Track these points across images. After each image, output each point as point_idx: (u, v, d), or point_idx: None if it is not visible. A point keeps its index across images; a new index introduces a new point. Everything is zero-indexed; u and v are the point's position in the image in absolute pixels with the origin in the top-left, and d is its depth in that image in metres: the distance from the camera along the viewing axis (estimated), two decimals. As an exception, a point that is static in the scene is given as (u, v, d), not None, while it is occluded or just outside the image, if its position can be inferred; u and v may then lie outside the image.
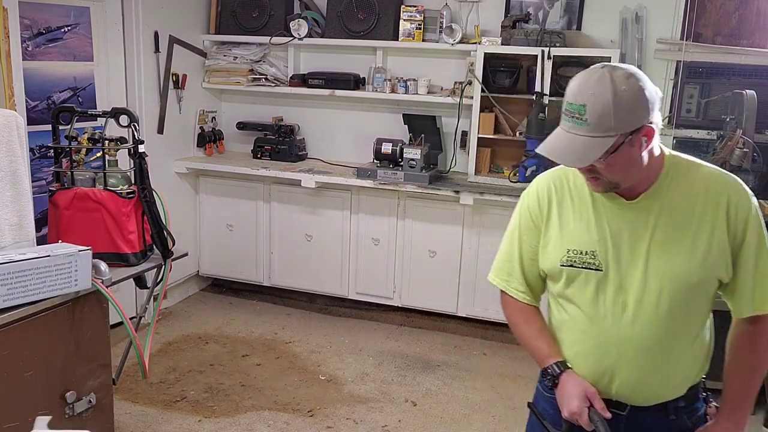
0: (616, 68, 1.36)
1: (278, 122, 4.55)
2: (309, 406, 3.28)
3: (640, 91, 1.35)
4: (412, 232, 4.10)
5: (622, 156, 1.37)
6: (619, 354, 1.48)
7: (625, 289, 1.46)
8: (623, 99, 1.33)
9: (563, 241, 1.53)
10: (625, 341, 1.47)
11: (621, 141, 1.36)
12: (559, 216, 1.55)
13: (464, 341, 4.10)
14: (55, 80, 3.61)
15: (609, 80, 1.34)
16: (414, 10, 4.08)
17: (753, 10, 3.71)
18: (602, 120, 1.34)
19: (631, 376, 1.48)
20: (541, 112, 3.66)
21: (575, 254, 1.50)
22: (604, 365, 1.50)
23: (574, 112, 1.37)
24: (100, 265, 2.27)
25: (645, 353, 1.47)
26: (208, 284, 4.82)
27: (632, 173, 1.42)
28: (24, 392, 2.07)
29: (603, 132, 1.35)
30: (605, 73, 1.35)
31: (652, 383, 1.49)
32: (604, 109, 1.33)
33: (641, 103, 1.35)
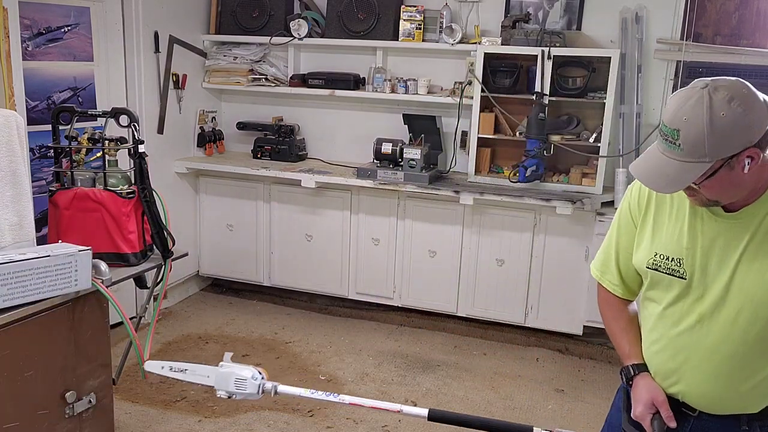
0: (718, 89, 1.28)
1: (278, 122, 4.56)
2: (309, 406, 3.28)
3: (742, 116, 1.27)
4: (412, 232, 4.10)
5: (720, 179, 1.32)
6: (686, 361, 1.49)
7: (705, 300, 1.45)
8: (720, 126, 1.26)
9: (653, 244, 1.52)
10: (693, 350, 1.47)
11: (719, 165, 1.30)
12: (654, 217, 1.53)
13: (464, 341, 4.10)
14: (55, 80, 3.61)
15: (706, 105, 1.27)
16: (414, 10, 4.08)
17: (753, 10, 3.71)
18: (696, 147, 1.28)
19: (696, 384, 1.49)
20: (541, 112, 3.66)
21: (661, 259, 1.50)
22: (670, 367, 1.51)
23: (668, 135, 1.31)
24: (100, 265, 2.27)
25: (713, 365, 1.45)
26: (208, 284, 4.82)
27: (733, 193, 1.37)
28: (24, 392, 2.07)
29: (697, 158, 1.29)
30: (704, 96, 1.28)
31: (720, 395, 1.47)
32: (698, 136, 1.27)
33: (743, 128, 1.28)
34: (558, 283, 3.87)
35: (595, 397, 3.43)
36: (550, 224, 3.83)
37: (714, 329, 1.43)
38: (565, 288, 3.86)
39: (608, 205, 3.76)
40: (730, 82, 1.31)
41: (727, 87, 1.29)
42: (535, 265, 3.90)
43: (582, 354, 3.95)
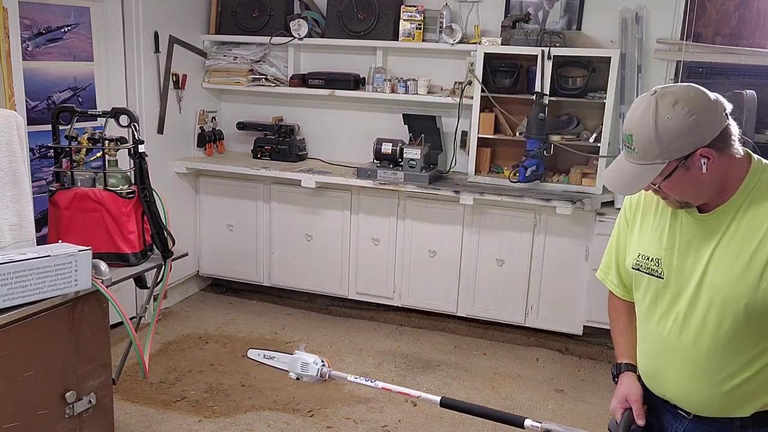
0: (665, 95, 1.36)
1: (278, 122, 4.56)
2: (309, 406, 3.28)
3: (687, 117, 1.34)
4: (412, 232, 4.10)
5: (678, 180, 1.39)
6: (667, 361, 1.52)
7: (680, 299, 1.48)
8: (667, 128, 1.34)
9: (638, 244, 1.58)
10: (673, 350, 1.50)
11: (674, 166, 1.37)
12: (641, 220, 1.59)
13: (464, 341, 4.10)
14: (55, 80, 3.61)
15: (652, 110, 1.35)
16: (414, 10, 4.08)
17: (753, 10, 3.71)
18: (647, 149, 1.36)
19: (679, 383, 1.52)
20: (541, 112, 3.66)
21: (643, 259, 1.55)
22: (655, 368, 1.57)
23: (626, 141, 1.40)
24: (100, 265, 2.27)
25: (692, 365, 1.48)
26: (208, 284, 4.82)
27: (698, 193, 1.42)
28: (24, 392, 2.07)
29: (651, 160, 1.37)
30: (651, 102, 1.36)
31: (703, 395, 1.48)
32: (647, 139, 1.35)
33: (689, 130, 1.34)
34: (558, 283, 3.87)
35: (595, 397, 3.43)
36: (550, 224, 3.83)
37: (689, 329, 1.47)
38: (565, 288, 3.86)
39: (608, 205, 3.76)
40: (678, 87, 1.39)
41: (673, 92, 1.37)
42: (535, 265, 3.90)
43: (582, 354, 3.95)
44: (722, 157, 1.38)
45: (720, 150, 1.37)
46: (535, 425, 1.55)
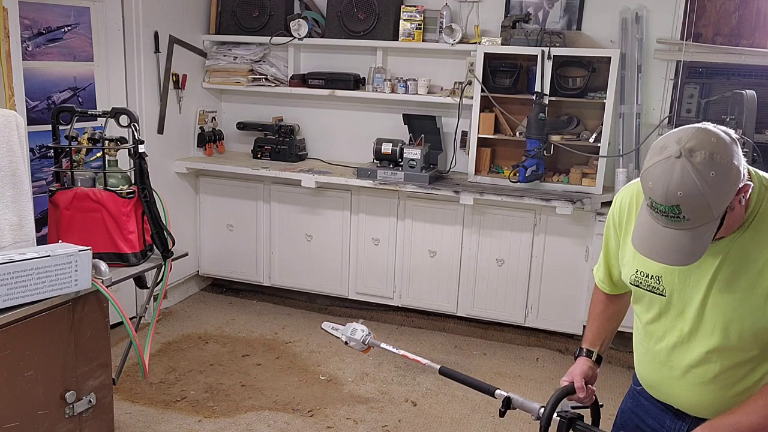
0: (694, 153, 1.25)
1: (278, 122, 4.56)
2: (309, 406, 3.28)
3: (728, 167, 1.26)
4: (412, 232, 4.10)
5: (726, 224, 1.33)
6: (667, 373, 1.53)
7: (683, 317, 1.47)
8: (716, 186, 1.25)
9: (635, 260, 1.54)
10: (675, 364, 1.51)
11: (723, 216, 1.31)
12: None
13: (464, 341, 4.10)
14: (55, 80, 3.61)
15: (694, 173, 1.24)
16: (414, 10, 4.08)
17: (753, 10, 3.71)
18: (703, 212, 1.27)
19: (685, 396, 1.53)
20: (541, 112, 3.66)
21: (642, 276, 1.52)
22: (659, 380, 1.58)
23: (668, 212, 1.28)
24: (100, 265, 2.27)
25: (695, 379, 1.48)
26: (208, 284, 4.82)
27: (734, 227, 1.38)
28: (24, 392, 2.07)
29: (707, 221, 1.28)
30: (686, 166, 1.25)
31: (709, 403, 1.49)
32: (701, 203, 1.25)
33: (734, 177, 1.28)
34: (558, 283, 3.87)
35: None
36: (550, 224, 3.83)
37: (694, 348, 1.46)
38: (565, 288, 3.86)
39: (608, 205, 3.73)
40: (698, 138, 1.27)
41: (699, 145, 1.26)
42: (535, 265, 3.90)
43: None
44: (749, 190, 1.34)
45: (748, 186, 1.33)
46: (501, 393, 1.74)
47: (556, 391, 1.63)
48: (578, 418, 1.59)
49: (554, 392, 1.63)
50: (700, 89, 3.78)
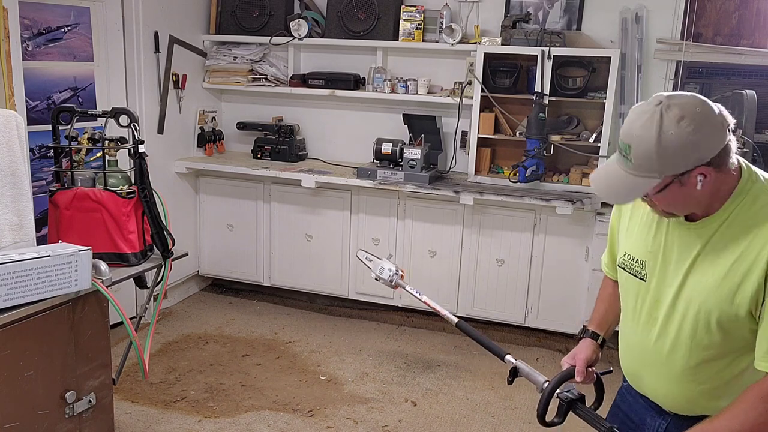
0: (671, 107, 1.29)
1: (278, 122, 4.56)
2: (309, 406, 3.28)
3: (691, 135, 1.28)
4: (412, 232, 4.10)
5: (671, 194, 1.35)
6: (646, 363, 1.55)
7: (660, 305, 1.48)
8: (668, 145, 1.28)
9: (625, 243, 1.59)
10: (652, 354, 1.52)
11: (669, 181, 1.33)
12: (632, 216, 1.59)
13: (464, 341, 4.09)
14: (55, 80, 3.61)
15: (657, 123, 1.28)
16: (414, 10, 4.08)
17: (753, 10, 3.71)
18: (645, 162, 1.31)
19: (659, 386, 1.54)
20: (541, 112, 3.66)
21: (628, 259, 1.56)
22: (635, 368, 1.60)
23: (623, 149, 1.34)
24: (100, 265, 2.27)
25: (669, 370, 1.49)
26: (208, 284, 4.82)
27: (687, 207, 1.40)
28: (24, 392, 2.07)
29: (647, 172, 1.32)
30: (656, 113, 1.29)
31: (683, 397, 1.50)
32: (648, 153, 1.30)
33: (692, 147, 1.29)
34: (558, 283, 3.87)
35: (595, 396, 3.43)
36: (550, 224, 3.83)
37: (667, 336, 1.47)
38: (565, 288, 3.86)
39: (608, 205, 3.76)
40: (685, 99, 1.31)
41: (680, 105, 1.29)
42: (535, 265, 3.90)
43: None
44: (719, 173, 1.35)
45: (717, 167, 1.33)
46: (511, 360, 1.77)
47: (559, 373, 1.65)
48: (578, 400, 1.60)
49: (559, 373, 1.64)
50: (700, 89, 3.78)
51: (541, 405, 1.60)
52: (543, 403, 1.59)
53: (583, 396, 1.62)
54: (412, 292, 2.15)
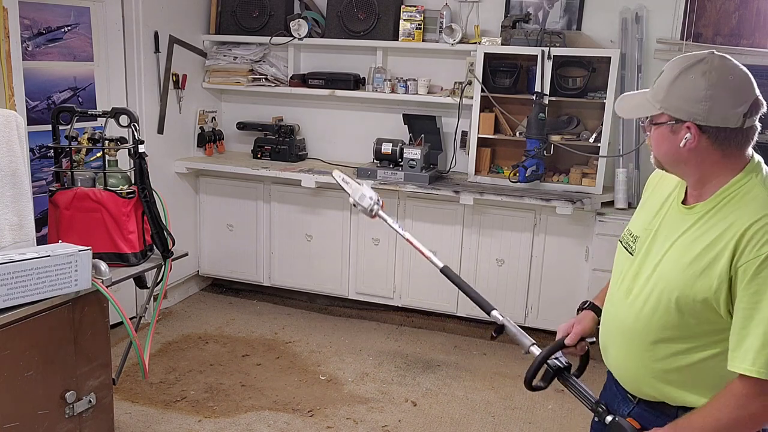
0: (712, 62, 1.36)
1: (278, 122, 4.56)
2: (309, 406, 3.28)
3: (702, 90, 1.34)
4: (412, 232, 4.05)
5: (660, 135, 1.42)
6: (612, 333, 1.58)
7: (638, 280, 1.51)
8: (681, 85, 1.36)
9: (634, 220, 1.63)
10: (617, 324, 1.55)
11: (664, 120, 1.40)
12: (646, 199, 1.64)
13: (464, 341, 4.10)
14: (55, 80, 3.61)
15: (689, 64, 1.37)
16: (414, 10, 4.08)
17: (753, 10, 3.71)
18: (658, 90, 1.41)
19: (615, 357, 1.58)
20: (541, 112, 3.66)
21: (627, 234, 1.60)
22: (604, 339, 1.62)
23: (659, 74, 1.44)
24: (100, 265, 2.27)
25: (629, 342, 1.52)
26: (208, 284, 4.82)
27: (670, 160, 1.45)
28: (24, 392, 2.07)
29: (654, 99, 1.42)
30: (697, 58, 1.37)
31: (635, 373, 1.52)
32: (664, 82, 1.40)
33: (695, 101, 1.35)
34: (558, 283, 3.87)
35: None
36: (550, 224, 3.83)
37: (633, 308, 1.50)
38: (565, 288, 3.86)
39: (608, 205, 3.76)
40: (730, 65, 1.37)
41: (719, 66, 1.36)
42: (535, 265, 3.90)
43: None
44: (712, 147, 1.37)
45: (712, 140, 1.36)
46: (497, 317, 1.71)
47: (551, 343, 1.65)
48: (566, 369, 1.61)
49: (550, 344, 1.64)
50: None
51: (531, 371, 1.61)
52: (533, 368, 1.61)
53: (570, 365, 1.63)
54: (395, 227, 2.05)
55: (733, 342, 1.34)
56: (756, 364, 1.29)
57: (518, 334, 1.67)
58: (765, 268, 1.29)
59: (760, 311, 1.29)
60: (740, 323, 1.32)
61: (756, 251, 1.29)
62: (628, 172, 3.79)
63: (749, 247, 1.30)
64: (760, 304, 1.29)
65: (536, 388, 1.62)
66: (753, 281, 1.30)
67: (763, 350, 1.29)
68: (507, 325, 1.69)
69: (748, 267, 1.30)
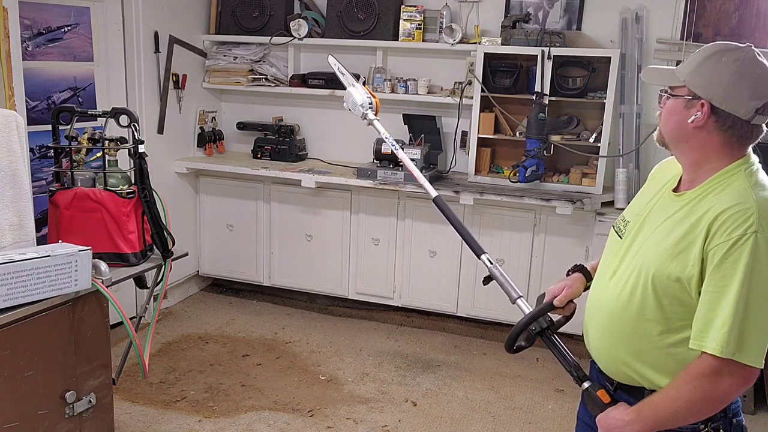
0: (747, 53, 1.39)
1: (278, 122, 4.56)
2: (309, 406, 3.28)
3: (728, 74, 1.37)
4: (412, 232, 4.10)
5: (674, 106, 1.45)
6: (592, 313, 1.61)
7: (623, 261, 1.54)
8: (715, 65, 1.39)
9: (629, 207, 1.66)
10: (598, 305, 1.59)
11: (682, 93, 1.43)
12: (645, 189, 1.66)
13: (464, 341, 4.10)
14: (55, 80, 3.61)
15: (727, 48, 1.40)
16: (414, 10, 4.08)
17: (753, 10, 3.71)
18: (688, 64, 1.44)
19: (594, 339, 1.61)
20: (541, 112, 3.66)
21: (620, 219, 1.64)
22: (585, 319, 1.66)
23: None
24: (100, 265, 2.27)
25: (605, 323, 1.55)
26: (208, 284, 4.82)
27: (674, 135, 1.47)
28: (24, 392, 2.07)
29: (679, 71, 1.45)
30: (735, 46, 1.40)
31: (614, 357, 1.54)
32: (695, 57, 1.43)
33: (717, 82, 1.38)
34: (558, 283, 3.87)
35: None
36: (550, 224, 3.83)
37: (613, 288, 1.53)
38: (565, 288, 3.85)
39: (608, 205, 3.76)
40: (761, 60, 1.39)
41: (751, 58, 1.39)
42: (535, 265, 3.90)
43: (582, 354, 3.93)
44: (716, 131, 1.41)
45: (719, 124, 1.40)
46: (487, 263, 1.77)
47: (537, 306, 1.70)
48: (549, 327, 1.66)
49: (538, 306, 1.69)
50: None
51: (516, 330, 1.65)
52: (519, 327, 1.64)
53: (554, 322, 1.66)
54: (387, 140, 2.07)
55: (699, 323, 1.37)
56: (719, 342, 1.33)
57: (505, 283, 1.73)
58: (732, 253, 1.32)
59: (727, 294, 1.33)
60: (707, 305, 1.36)
61: (726, 236, 1.33)
62: (628, 172, 3.79)
63: (720, 231, 1.34)
64: (727, 288, 1.33)
65: (518, 348, 1.66)
66: (721, 265, 1.33)
67: (725, 329, 1.32)
68: (495, 273, 1.73)
69: (717, 251, 1.34)
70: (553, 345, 1.65)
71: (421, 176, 1.98)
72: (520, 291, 1.80)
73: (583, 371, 1.61)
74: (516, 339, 1.64)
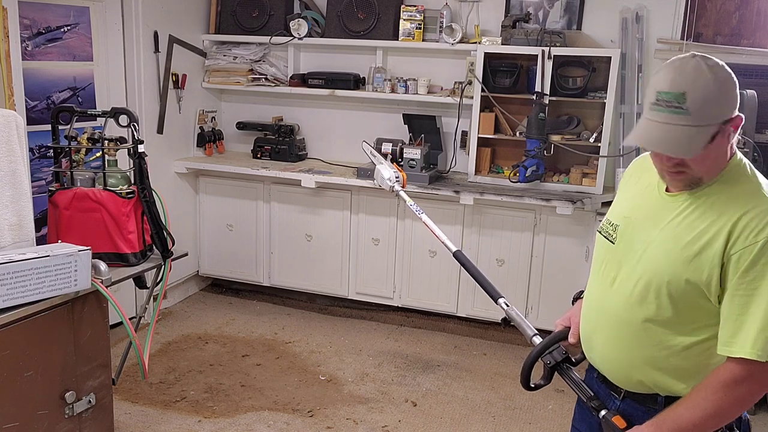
0: (707, 58, 1.35)
1: (278, 122, 4.55)
2: (309, 406, 3.28)
3: (732, 79, 1.35)
4: (412, 232, 4.10)
5: (715, 147, 1.35)
6: (597, 323, 1.57)
7: (622, 268, 1.50)
8: (725, 83, 1.33)
9: (612, 210, 1.62)
10: (603, 313, 1.54)
11: (716, 131, 1.33)
12: (625, 189, 1.63)
13: (464, 341, 4.09)
14: (55, 80, 3.60)
15: (707, 68, 1.32)
16: (414, 10, 4.08)
17: (753, 10, 3.71)
18: (705, 108, 1.31)
19: (602, 348, 1.56)
20: (541, 112, 3.66)
21: (606, 223, 1.59)
22: (589, 330, 1.60)
23: (672, 101, 1.31)
24: (100, 265, 2.27)
25: (616, 330, 1.51)
26: (208, 284, 4.82)
27: (716, 167, 1.39)
28: (24, 392, 2.07)
29: (705, 121, 1.31)
30: (700, 62, 1.33)
31: (624, 361, 1.51)
32: (708, 94, 1.31)
33: (735, 92, 1.35)
34: (558, 283, 3.87)
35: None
36: (550, 224, 3.83)
37: (619, 296, 1.49)
38: (565, 288, 3.84)
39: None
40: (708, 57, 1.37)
41: (712, 57, 1.36)
42: (535, 265, 3.90)
43: (582, 354, 3.95)
44: (732, 134, 1.38)
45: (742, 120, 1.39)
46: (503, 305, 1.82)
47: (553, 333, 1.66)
48: (564, 361, 1.61)
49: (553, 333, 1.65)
50: (701, 89, 3.77)
51: (525, 369, 1.62)
52: (527, 366, 1.62)
53: (569, 356, 1.62)
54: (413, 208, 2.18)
55: (730, 329, 1.35)
56: (755, 347, 1.31)
57: (522, 323, 1.73)
58: (762, 256, 1.30)
59: (758, 297, 1.31)
60: (738, 309, 1.33)
61: (752, 238, 1.31)
62: (628, 172, 3.79)
63: (744, 235, 1.32)
64: (758, 290, 1.31)
65: (536, 386, 1.62)
66: (750, 269, 1.31)
67: (762, 333, 1.30)
68: (512, 314, 1.74)
69: (744, 254, 1.31)
70: (570, 379, 1.60)
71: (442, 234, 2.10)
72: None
73: (599, 399, 1.57)
74: (530, 371, 1.62)
